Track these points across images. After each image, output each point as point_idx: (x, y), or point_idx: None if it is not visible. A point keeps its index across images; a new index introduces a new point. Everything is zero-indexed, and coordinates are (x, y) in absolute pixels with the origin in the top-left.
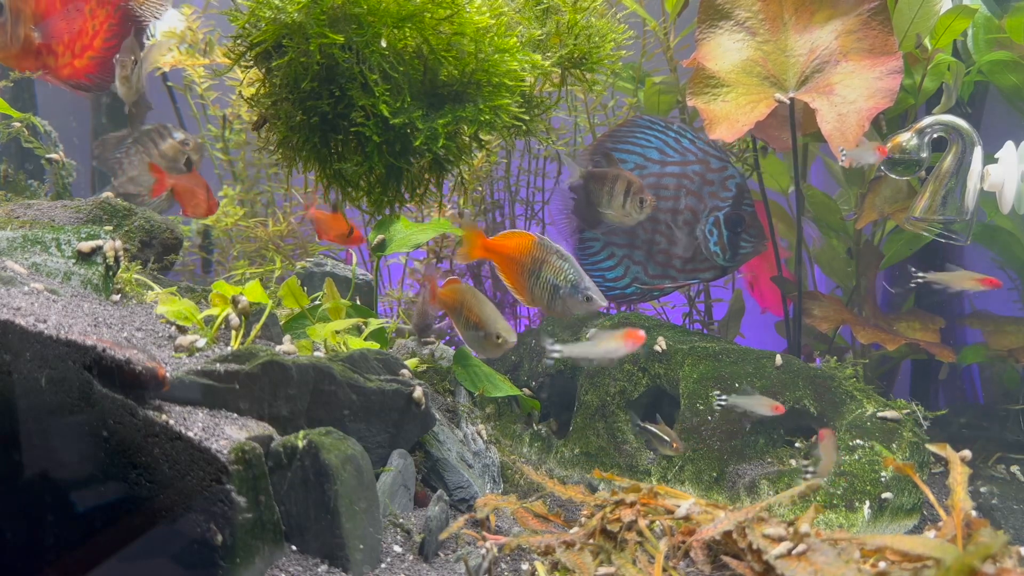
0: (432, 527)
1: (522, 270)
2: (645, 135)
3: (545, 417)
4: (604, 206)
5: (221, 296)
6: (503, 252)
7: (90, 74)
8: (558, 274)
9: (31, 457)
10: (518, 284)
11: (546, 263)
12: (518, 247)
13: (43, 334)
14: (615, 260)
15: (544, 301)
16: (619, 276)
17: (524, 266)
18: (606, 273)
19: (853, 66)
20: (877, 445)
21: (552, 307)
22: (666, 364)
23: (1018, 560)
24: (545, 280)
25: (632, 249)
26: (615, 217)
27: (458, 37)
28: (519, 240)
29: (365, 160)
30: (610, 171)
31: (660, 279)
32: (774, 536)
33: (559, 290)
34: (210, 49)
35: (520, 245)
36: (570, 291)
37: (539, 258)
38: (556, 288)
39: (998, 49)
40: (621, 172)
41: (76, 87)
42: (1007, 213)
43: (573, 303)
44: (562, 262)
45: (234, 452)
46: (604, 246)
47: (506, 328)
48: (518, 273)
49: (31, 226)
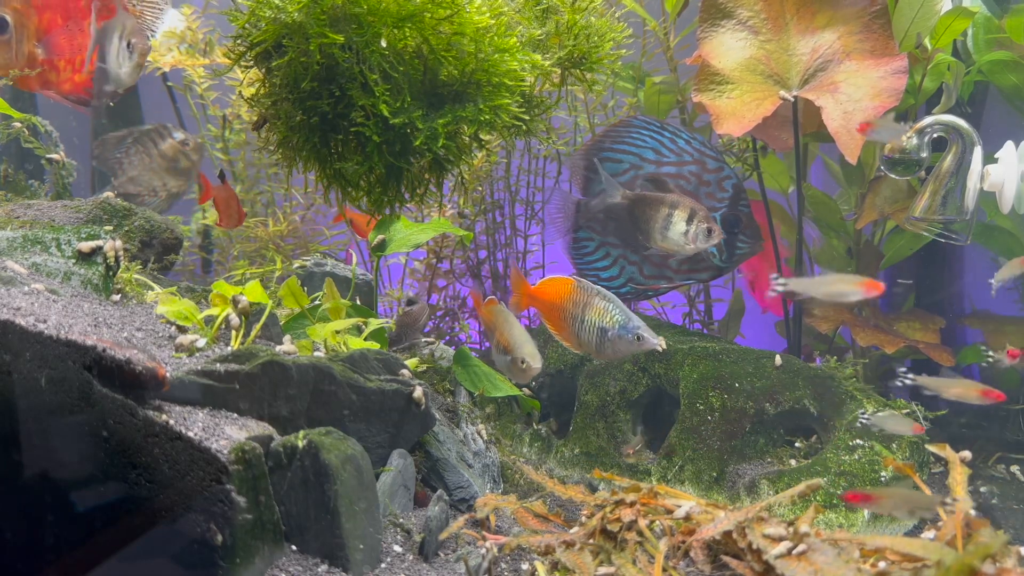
0: (432, 527)
1: (565, 315)
2: (641, 135)
3: (545, 417)
4: (659, 233)
5: (221, 296)
6: (544, 300)
7: (89, 88)
8: (603, 316)
9: (31, 457)
10: (564, 331)
11: (589, 306)
12: (558, 293)
13: (43, 334)
14: (610, 260)
15: (593, 345)
16: (614, 276)
17: (567, 311)
18: (600, 273)
19: (857, 65)
20: (877, 445)
21: (602, 350)
22: (666, 364)
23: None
24: (591, 324)
25: (626, 249)
26: (673, 247)
27: (458, 37)
28: (559, 286)
29: (365, 160)
30: (668, 196)
31: (656, 279)
32: (774, 536)
33: (607, 332)
34: (210, 49)
35: (560, 291)
36: (619, 332)
37: (581, 302)
38: (604, 331)
39: (998, 49)
40: (682, 198)
41: (76, 102)
42: (1007, 213)
43: (623, 344)
44: (606, 303)
45: (234, 452)
46: (599, 246)
47: (532, 353)
48: (561, 319)
49: (31, 226)
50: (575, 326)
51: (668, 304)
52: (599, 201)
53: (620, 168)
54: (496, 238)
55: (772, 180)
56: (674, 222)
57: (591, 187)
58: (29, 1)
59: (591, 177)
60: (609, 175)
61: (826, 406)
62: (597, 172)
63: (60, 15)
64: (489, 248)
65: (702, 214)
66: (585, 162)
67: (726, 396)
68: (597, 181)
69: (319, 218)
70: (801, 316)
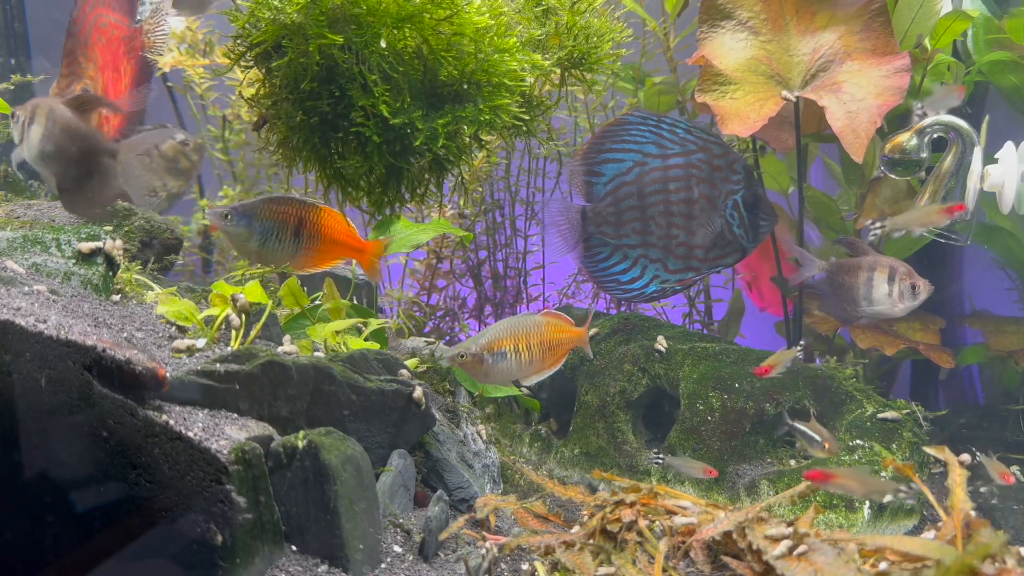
0: (432, 527)
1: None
2: (639, 131)
3: (545, 417)
4: (864, 300)
5: (221, 296)
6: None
7: (122, 128)
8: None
9: (31, 457)
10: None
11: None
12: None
13: (43, 334)
14: (629, 261)
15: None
16: (636, 277)
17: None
18: (620, 277)
19: (859, 65)
20: (877, 445)
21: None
22: (666, 364)
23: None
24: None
25: (647, 248)
26: (883, 311)
27: (458, 37)
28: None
29: (365, 160)
30: (864, 260)
31: (683, 272)
32: (774, 536)
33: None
34: (210, 49)
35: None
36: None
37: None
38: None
39: (998, 50)
40: (878, 258)
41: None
42: (1007, 213)
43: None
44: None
45: (234, 452)
46: (614, 250)
47: (465, 346)
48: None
49: (31, 226)
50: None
51: (668, 304)
52: (797, 275)
53: (623, 167)
54: (496, 238)
55: (772, 180)
56: (875, 285)
57: (593, 191)
58: (96, 65)
59: (592, 181)
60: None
61: (826, 406)
62: (597, 175)
63: (113, 69)
64: (489, 248)
65: (902, 270)
66: (584, 166)
67: (726, 396)
68: (599, 184)
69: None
70: (801, 316)
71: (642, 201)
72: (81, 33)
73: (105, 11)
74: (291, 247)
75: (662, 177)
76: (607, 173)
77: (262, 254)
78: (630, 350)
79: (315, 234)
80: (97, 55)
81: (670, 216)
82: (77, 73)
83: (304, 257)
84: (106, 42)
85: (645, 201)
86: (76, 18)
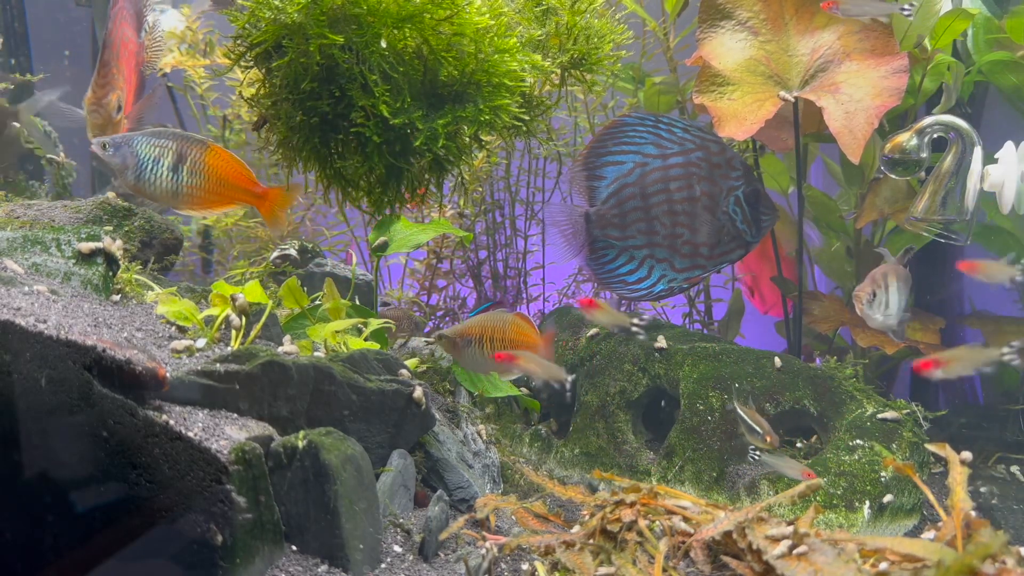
0: (432, 527)
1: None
2: (637, 132)
3: (545, 417)
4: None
5: (221, 296)
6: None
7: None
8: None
9: (31, 457)
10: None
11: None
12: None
13: (43, 334)
14: (636, 262)
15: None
16: (643, 277)
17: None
18: (627, 278)
19: (858, 65)
20: (877, 445)
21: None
22: (666, 364)
23: (1018, 560)
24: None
25: (653, 248)
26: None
27: (458, 38)
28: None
29: (365, 160)
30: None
31: (690, 271)
32: (774, 536)
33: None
34: (210, 49)
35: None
36: None
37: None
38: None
39: (998, 49)
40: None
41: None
42: (1007, 213)
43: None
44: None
45: (234, 452)
46: (620, 251)
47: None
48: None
49: (31, 226)
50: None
51: (668, 304)
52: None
53: (624, 169)
54: (496, 238)
55: (772, 180)
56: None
57: (596, 195)
58: (125, 76)
59: (594, 185)
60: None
61: (826, 406)
62: (599, 178)
63: (128, 82)
64: (489, 248)
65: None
66: (585, 171)
67: (726, 396)
68: (601, 187)
69: (319, 218)
70: (801, 316)
71: (645, 202)
72: (114, 46)
73: (125, 27)
74: (170, 183)
75: (663, 177)
76: (608, 176)
77: (140, 188)
78: (630, 350)
79: (197, 171)
80: (123, 68)
81: (674, 215)
82: (111, 84)
83: (188, 196)
84: (127, 56)
85: (648, 202)
86: (111, 31)
